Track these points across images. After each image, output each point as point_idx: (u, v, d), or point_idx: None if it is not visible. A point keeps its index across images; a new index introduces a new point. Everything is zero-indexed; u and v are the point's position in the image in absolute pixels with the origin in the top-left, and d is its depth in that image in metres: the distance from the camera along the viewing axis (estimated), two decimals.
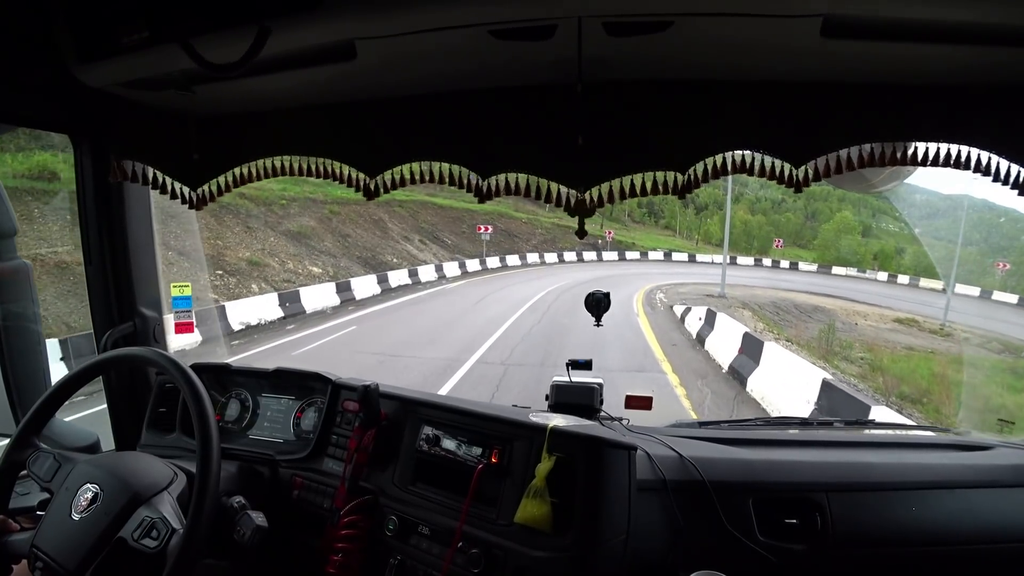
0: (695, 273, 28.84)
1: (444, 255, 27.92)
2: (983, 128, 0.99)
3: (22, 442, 1.13)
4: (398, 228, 27.66)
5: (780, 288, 25.33)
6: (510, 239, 35.39)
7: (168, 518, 1.02)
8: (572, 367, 1.62)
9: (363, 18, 0.92)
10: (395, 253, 25.18)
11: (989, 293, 30.36)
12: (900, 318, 20.63)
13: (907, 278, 38.20)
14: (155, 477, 1.10)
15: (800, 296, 23.68)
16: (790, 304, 21.08)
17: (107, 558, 0.98)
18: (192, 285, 1.81)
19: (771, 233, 52.95)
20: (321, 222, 23.02)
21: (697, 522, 1.22)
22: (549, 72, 1.06)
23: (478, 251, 28.94)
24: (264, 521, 1.07)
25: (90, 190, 1.47)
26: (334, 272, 20.03)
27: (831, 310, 20.98)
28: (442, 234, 30.81)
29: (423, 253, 27.12)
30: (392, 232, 26.88)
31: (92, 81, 1.18)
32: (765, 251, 48.40)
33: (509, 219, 36.96)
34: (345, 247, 22.82)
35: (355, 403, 1.33)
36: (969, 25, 0.87)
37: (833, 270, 42.66)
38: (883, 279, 39.97)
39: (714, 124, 1.07)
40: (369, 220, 25.84)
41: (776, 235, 52.15)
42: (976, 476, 1.35)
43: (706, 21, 0.90)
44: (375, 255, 23.71)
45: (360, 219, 25.28)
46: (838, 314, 20.02)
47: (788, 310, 20.14)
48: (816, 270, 42.93)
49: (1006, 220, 36.30)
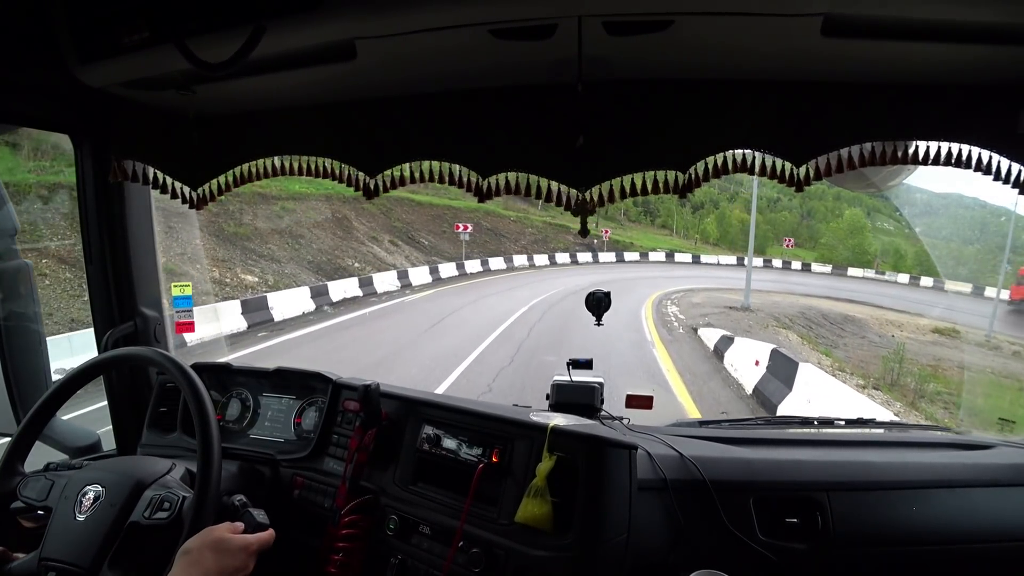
0: (703, 277, 26.09)
1: (419, 258, 24.75)
2: (984, 127, 0.99)
3: (8, 470, 1.10)
4: (365, 228, 24.19)
5: (796, 292, 22.76)
6: (496, 239, 32.09)
7: (176, 490, 1.04)
8: (573, 366, 1.62)
9: (363, 18, 0.92)
10: (358, 256, 21.78)
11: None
12: (939, 328, 17.31)
13: (931, 280, 34.54)
14: (155, 467, 1.11)
15: (823, 303, 20.80)
16: (818, 314, 17.87)
17: (122, 544, 0.99)
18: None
19: (768, 232, 50.96)
20: (268, 221, 19.57)
21: (698, 521, 1.22)
22: (549, 71, 1.06)
23: (460, 253, 25.83)
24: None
25: (90, 190, 1.47)
26: (274, 281, 16.56)
27: (862, 320, 18.09)
28: (418, 234, 27.45)
29: (393, 256, 23.74)
30: (357, 232, 23.41)
31: (93, 81, 1.18)
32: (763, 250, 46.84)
33: (497, 217, 33.55)
34: (295, 250, 19.52)
35: (356, 403, 1.33)
36: (970, 24, 0.87)
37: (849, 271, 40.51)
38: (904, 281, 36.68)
39: (715, 123, 1.07)
40: (331, 219, 22.58)
41: (774, 234, 50.54)
42: (977, 475, 1.35)
43: (707, 20, 0.90)
44: (332, 259, 20.35)
45: (320, 217, 22.13)
46: (870, 324, 17.45)
47: (819, 322, 16.82)
48: (831, 272, 40.33)
49: (1007, 220, 36.16)
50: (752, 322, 14.03)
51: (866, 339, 14.97)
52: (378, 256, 22.88)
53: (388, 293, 17.68)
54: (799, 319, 16.42)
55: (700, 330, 11.97)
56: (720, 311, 15.67)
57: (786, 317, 16.08)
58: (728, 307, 16.57)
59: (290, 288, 15.10)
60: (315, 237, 20.90)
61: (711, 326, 12.34)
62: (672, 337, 11.61)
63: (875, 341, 14.52)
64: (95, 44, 1.10)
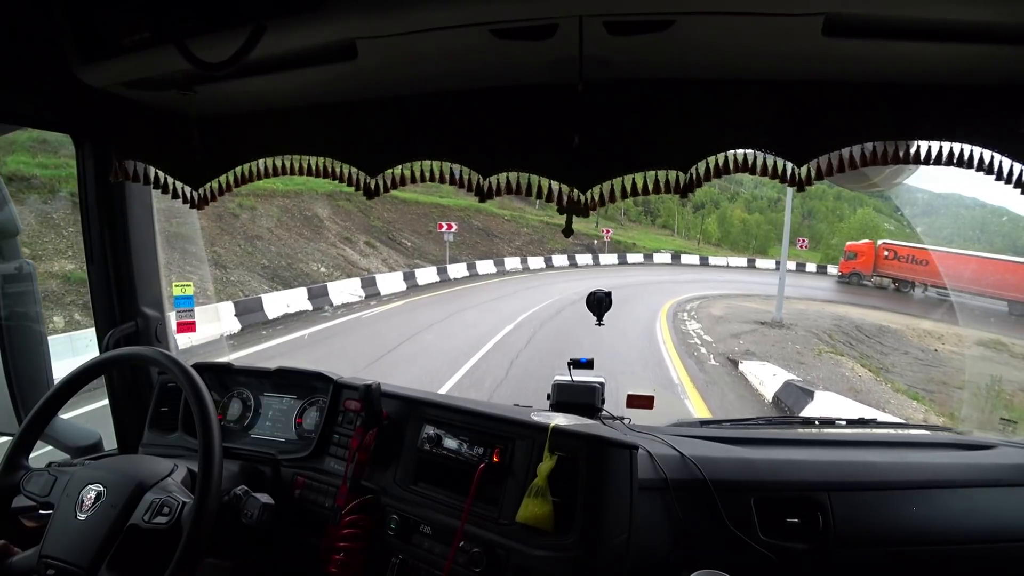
0: (714, 281, 23.39)
1: (399, 262, 21.92)
2: (985, 126, 0.99)
3: (12, 465, 1.12)
4: (339, 227, 21.47)
5: (817, 299, 19.76)
6: (488, 240, 28.76)
7: (176, 494, 1.04)
8: (573, 366, 1.61)
9: (365, 18, 0.92)
10: (326, 260, 18.90)
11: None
12: (981, 339, 14.93)
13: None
14: (157, 468, 1.12)
15: (850, 311, 18.05)
16: (851, 326, 15.48)
17: (121, 546, 0.99)
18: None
19: (770, 232, 49.30)
20: (218, 220, 16.52)
21: (699, 521, 1.22)
22: (550, 71, 1.06)
23: (451, 255, 22.88)
24: (270, 499, 1.08)
25: (92, 190, 1.48)
26: (214, 291, 14.07)
27: (897, 331, 15.67)
28: (400, 234, 24.41)
29: (367, 259, 20.91)
30: (328, 233, 20.69)
31: (94, 81, 1.18)
32: (764, 251, 45.69)
33: (489, 216, 30.08)
34: (248, 254, 16.74)
35: (357, 402, 1.33)
36: (970, 23, 0.87)
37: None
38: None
39: (716, 123, 1.07)
40: (298, 217, 19.95)
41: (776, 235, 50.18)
42: (978, 475, 1.35)
43: (707, 20, 0.90)
44: (292, 264, 17.46)
45: (286, 216, 19.47)
46: (908, 336, 15.19)
47: (856, 336, 14.54)
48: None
49: (1008, 219, 35.78)
50: (795, 343, 11.30)
51: (909, 355, 12.96)
52: (350, 260, 20.19)
53: (347, 306, 14.32)
54: (837, 334, 14.02)
55: (742, 364, 9.07)
56: (750, 328, 13.07)
57: (824, 332, 13.70)
58: (758, 322, 13.90)
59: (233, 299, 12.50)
60: (276, 239, 18.17)
61: (751, 355, 9.85)
62: (705, 375, 8.74)
63: (920, 358, 12.52)
64: (96, 44, 1.10)
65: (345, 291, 15.18)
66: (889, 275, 26.19)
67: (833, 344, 12.57)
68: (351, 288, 15.58)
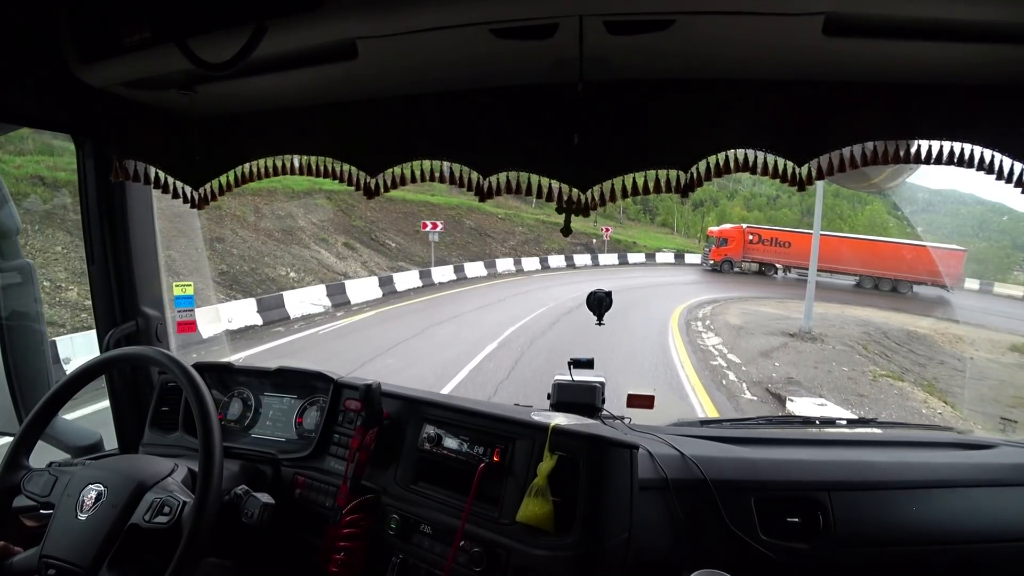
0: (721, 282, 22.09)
1: (381, 264, 20.16)
2: (986, 126, 0.99)
3: (13, 464, 1.12)
4: (315, 227, 19.75)
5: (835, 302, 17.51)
6: (481, 240, 26.88)
7: (177, 494, 1.04)
8: (574, 366, 1.62)
9: (365, 17, 0.92)
10: (296, 264, 17.10)
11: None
12: (1016, 344, 13.61)
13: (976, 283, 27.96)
14: (157, 468, 1.12)
15: (873, 314, 16.38)
16: (879, 332, 13.91)
17: (122, 546, 0.99)
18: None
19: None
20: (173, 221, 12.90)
21: (699, 521, 1.22)
22: (550, 71, 1.06)
23: (440, 257, 21.29)
24: (270, 499, 1.08)
25: (92, 190, 1.48)
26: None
27: (926, 336, 14.18)
28: (384, 235, 22.51)
29: (344, 263, 19.03)
30: (303, 234, 18.91)
31: (94, 81, 1.18)
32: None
33: (483, 215, 28.15)
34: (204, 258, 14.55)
35: (357, 402, 1.33)
36: (971, 23, 0.87)
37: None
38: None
39: (716, 122, 1.07)
40: (271, 216, 18.29)
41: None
42: (978, 475, 1.35)
43: (708, 20, 0.89)
44: (257, 268, 15.69)
45: (256, 215, 17.78)
46: (938, 342, 13.61)
47: (888, 346, 12.73)
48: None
49: (1009, 219, 35.64)
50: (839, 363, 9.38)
51: (946, 365, 11.30)
52: (324, 263, 18.26)
53: (307, 318, 12.35)
54: (869, 343, 12.36)
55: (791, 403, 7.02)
56: (779, 342, 11.09)
57: (858, 343, 11.98)
58: (785, 333, 11.96)
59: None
60: (240, 240, 16.36)
61: (797, 385, 7.92)
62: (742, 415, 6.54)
63: (957, 367, 11.02)
64: (96, 44, 1.10)
65: (307, 300, 13.02)
66: (756, 259, 26.72)
67: (871, 357, 10.99)
68: (314, 297, 13.31)
